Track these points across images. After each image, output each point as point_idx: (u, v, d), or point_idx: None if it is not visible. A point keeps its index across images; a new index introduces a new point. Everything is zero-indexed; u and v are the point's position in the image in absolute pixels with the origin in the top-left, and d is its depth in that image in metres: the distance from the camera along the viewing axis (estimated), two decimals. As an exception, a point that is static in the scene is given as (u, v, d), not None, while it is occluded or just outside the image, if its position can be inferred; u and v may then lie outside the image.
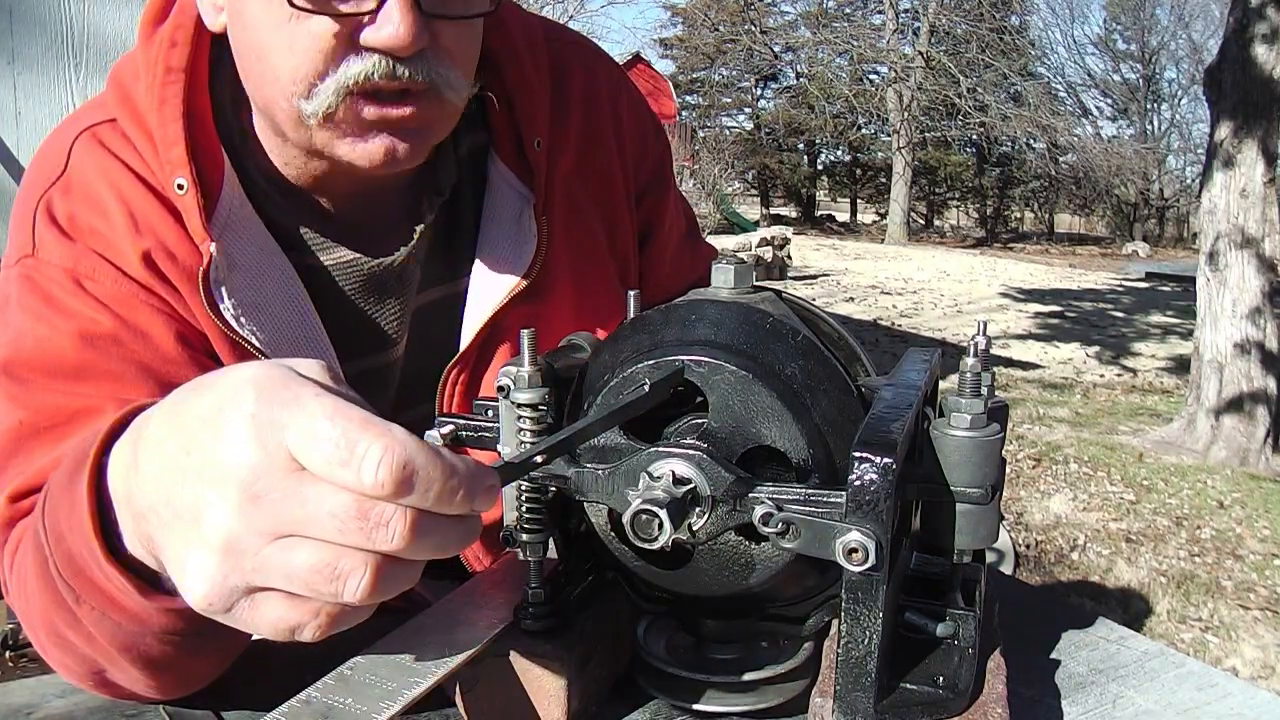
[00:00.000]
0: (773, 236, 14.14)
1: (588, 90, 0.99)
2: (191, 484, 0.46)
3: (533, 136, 0.91)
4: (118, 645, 0.61)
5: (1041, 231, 31.28)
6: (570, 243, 0.95)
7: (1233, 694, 0.73)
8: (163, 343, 0.78)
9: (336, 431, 0.43)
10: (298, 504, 0.44)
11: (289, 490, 0.44)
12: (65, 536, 0.57)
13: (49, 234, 0.79)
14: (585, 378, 0.67)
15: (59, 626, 0.63)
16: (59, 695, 0.72)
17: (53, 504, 0.59)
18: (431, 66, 0.73)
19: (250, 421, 0.45)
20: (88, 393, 0.75)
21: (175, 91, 0.79)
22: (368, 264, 0.87)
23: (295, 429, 0.44)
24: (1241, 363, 5.47)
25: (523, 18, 0.96)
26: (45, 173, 0.83)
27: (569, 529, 0.67)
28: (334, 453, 0.43)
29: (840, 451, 0.59)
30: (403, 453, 0.43)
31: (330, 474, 0.44)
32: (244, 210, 0.82)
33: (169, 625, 0.58)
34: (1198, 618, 3.56)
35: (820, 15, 28.55)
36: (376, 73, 0.71)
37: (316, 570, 0.45)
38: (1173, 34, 30.85)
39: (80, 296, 0.77)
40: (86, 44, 2.52)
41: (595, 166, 0.98)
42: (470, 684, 0.64)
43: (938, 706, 0.58)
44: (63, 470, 0.59)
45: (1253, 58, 5.24)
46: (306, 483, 0.44)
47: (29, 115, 2.52)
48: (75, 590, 0.58)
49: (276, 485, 0.44)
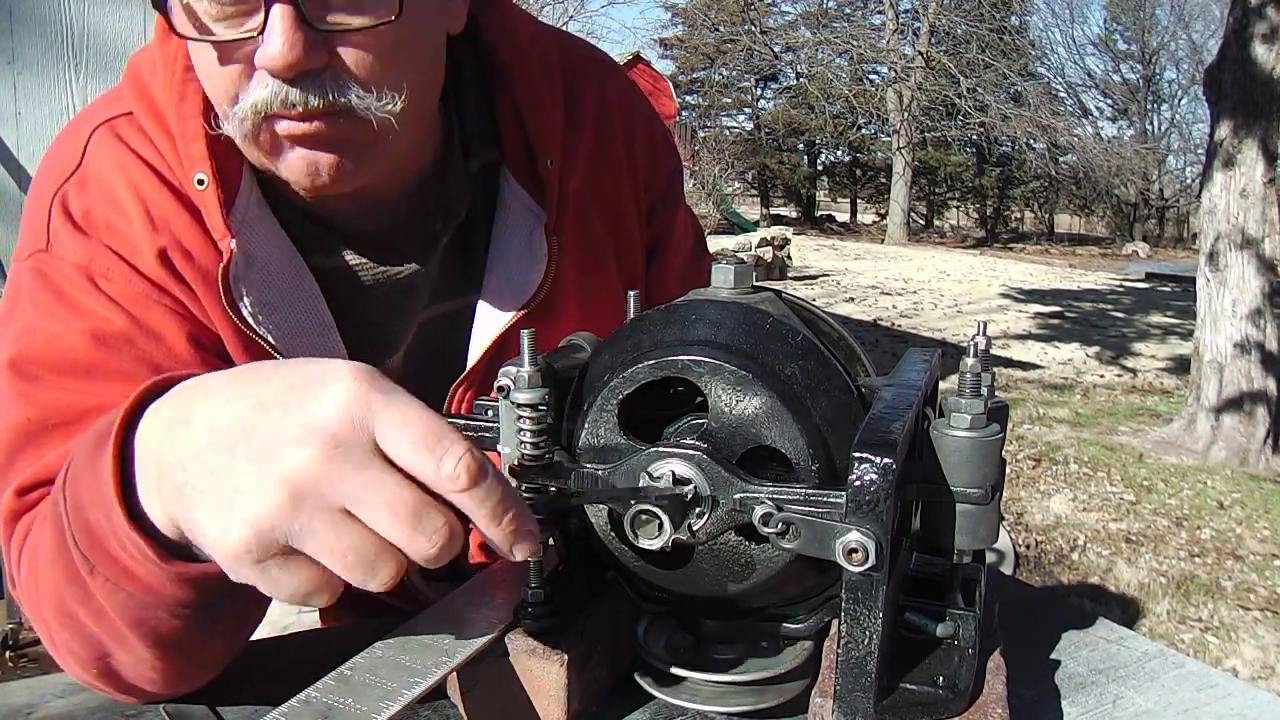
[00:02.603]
0: (773, 237, 14.14)
1: (600, 108, 0.97)
2: (268, 432, 0.48)
3: (545, 155, 0.89)
4: (129, 620, 0.61)
5: (1041, 232, 31.30)
6: (580, 261, 0.94)
7: (1233, 694, 0.73)
8: (175, 343, 0.78)
9: (431, 422, 0.48)
10: (364, 482, 0.48)
11: (363, 465, 0.48)
12: (85, 506, 0.57)
13: (64, 229, 0.79)
14: (585, 378, 0.67)
15: (69, 603, 0.63)
16: (59, 695, 0.72)
17: (74, 474, 0.59)
18: (329, 89, 0.69)
19: (349, 394, 0.48)
20: (97, 392, 0.74)
21: (195, 89, 0.78)
22: (374, 270, 0.87)
23: (388, 415, 0.48)
24: (1241, 363, 5.46)
25: (533, 30, 0.94)
26: (61, 166, 0.82)
27: (569, 529, 0.67)
28: (422, 439, 0.48)
29: (840, 451, 0.59)
30: (481, 459, 0.49)
31: (413, 459, 0.48)
32: (260, 208, 0.82)
33: (181, 597, 0.58)
34: (1198, 618, 3.56)
35: (820, 15, 28.56)
36: (274, 101, 0.69)
37: (357, 553, 0.48)
38: (1173, 34, 30.88)
39: (93, 294, 0.77)
40: (86, 44, 2.52)
41: (606, 184, 0.98)
42: (470, 684, 0.64)
43: (938, 706, 0.58)
44: (87, 441, 0.59)
45: (1253, 58, 5.24)
46: (377, 467, 0.48)
47: (29, 115, 2.52)
48: (90, 561, 0.59)
49: (355, 456, 0.48)
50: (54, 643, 0.68)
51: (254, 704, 0.69)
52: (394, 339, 0.91)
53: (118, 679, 0.67)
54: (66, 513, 0.59)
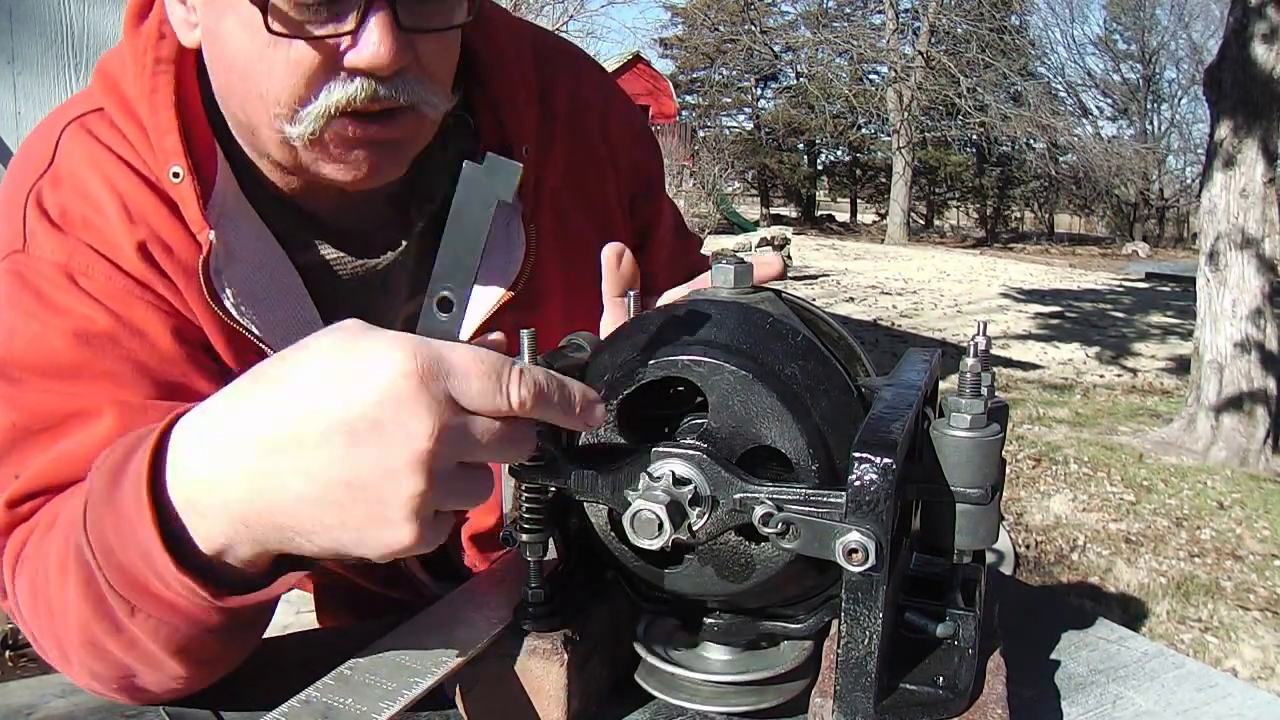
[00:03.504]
0: (773, 237, 14.15)
1: (575, 97, 0.98)
2: (363, 454, 0.51)
3: (520, 145, 0.90)
4: (172, 649, 0.61)
5: (1041, 231, 31.28)
6: (560, 250, 0.94)
7: (1232, 694, 0.73)
8: (159, 340, 0.77)
9: (480, 363, 0.52)
10: (469, 435, 0.52)
11: (463, 424, 0.52)
12: (115, 551, 0.57)
13: (40, 227, 0.77)
14: (585, 378, 0.66)
15: (97, 636, 0.63)
16: (59, 695, 0.72)
17: (95, 517, 0.59)
18: (412, 86, 0.73)
19: (414, 382, 0.50)
20: (83, 393, 0.73)
21: (166, 81, 0.78)
22: (352, 263, 0.87)
23: (454, 374, 0.51)
24: (1241, 363, 5.47)
25: (510, 24, 0.95)
26: (32, 165, 0.81)
27: (569, 529, 0.67)
28: (483, 384, 0.51)
29: (840, 451, 0.59)
30: (535, 376, 0.53)
31: (483, 402, 0.52)
32: (238, 200, 0.81)
33: (225, 621, 0.59)
34: (1197, 618, 3.56)
35: (820, 15, 28.55)
36: (360, 96, 0.71)
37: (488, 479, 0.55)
38: (1173, 34, 30.88)
39: (74, 293, 0.75)
40: (86, 44, 2.53)
41: (585, 173, 0.98)
42: (470, 684, 0.64)
43: (938, 706, 0.58)
44: (99, 481, 0.59)
45: (1253, 58, 5.24)
46: (464, 419, 0.52)
47: (29, 115, 2.52)
48: (130, 602, 0.59)
49: (453, 421, 0.51)
50: (69, 662, 0.67)
51: (254, 704, 0.69)
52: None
53: (139, 692, 0.67)
54: (95, 557, 0.59)
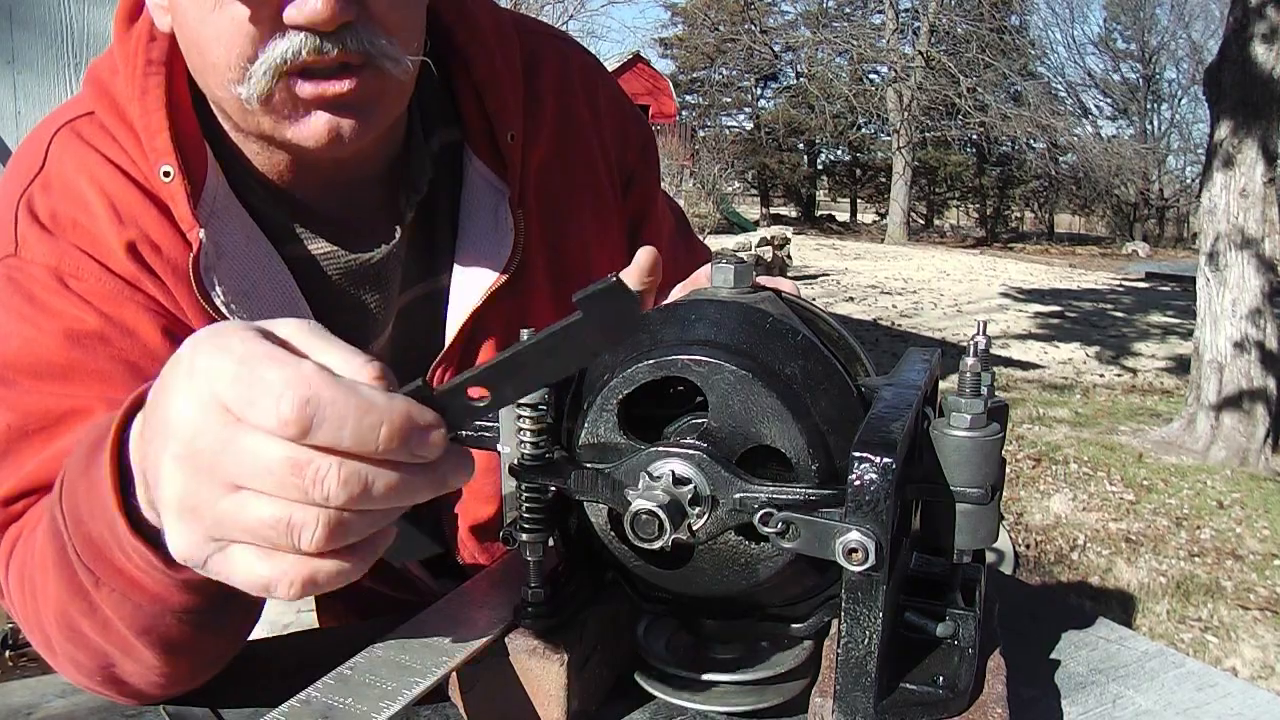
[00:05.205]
0: (773, 236, 14.13)
1: (561, 79, 0.98)
2: (153, 446, 0.48)
3: (505, 129, 0.90)
4: (137, 629, 0.61)
5: (1041, 231, 31.26)
6: (550, 235, 0.94)
7: (1232, 694, 0.73)
8: (150, 339, 0.77)
9: (244, 370, 0.43)
10: (234, 457, 0.43)
11: (227, 441, 0.43)
12: (85, 520, 0.57)
13: (31, 231, 0.78)
14: (585, 377, 0.67)
15: (73, 616, 0.63)
16: (59, 695, 0.72)
17: (70, 487, 0.59)
18: (363, 38, 0.71)
19: (188, 378, 0.45)
20: (76, 393, 0.74)
21: (157, 83, 0.78)
22: (345, 257, 0.87)
23: (223, 377, 0.43)
24: (1241, 363, 5.47)
25: (491, 9, 0.94)
26: (23, 170, 0.81)
27: (569, 529, 0.67)
28: (244, 392, 0.42)
29: (840, 451, 0.59)
30: (305, 389, 0.41)
31: (246, 416, 0.43)
32: (228, 199, 0.81)
33: (188, 602, 0.58)
34: (1197, 618, 3.56)
35: (820, 15, 28.56)
36: (304, 50, 0.69)
37: (269, 524, 0.44)
38: (1173, 34, 30.87)
39: (65, 295, 0.76)
40: (86, 44, 2.53)
41: (574, 156, 0.98)
42: (470, 684, 0.64)
43: (938, 706, 0.58)
44: (79, 453, 0.59)
45: (1252, 58, 5.24)
46: (244, 434, 0.43)
47: (29, 115, 2.52)
48: (95, 574, 0.58)
49: (214, 437, 0.44)
50: (54, 652, 0.68)
51: (254, 704, 0.69)
52: (373, 326, 0.91)
53: (121, 685, 0.67)
54: (66, 527, 0.59)
